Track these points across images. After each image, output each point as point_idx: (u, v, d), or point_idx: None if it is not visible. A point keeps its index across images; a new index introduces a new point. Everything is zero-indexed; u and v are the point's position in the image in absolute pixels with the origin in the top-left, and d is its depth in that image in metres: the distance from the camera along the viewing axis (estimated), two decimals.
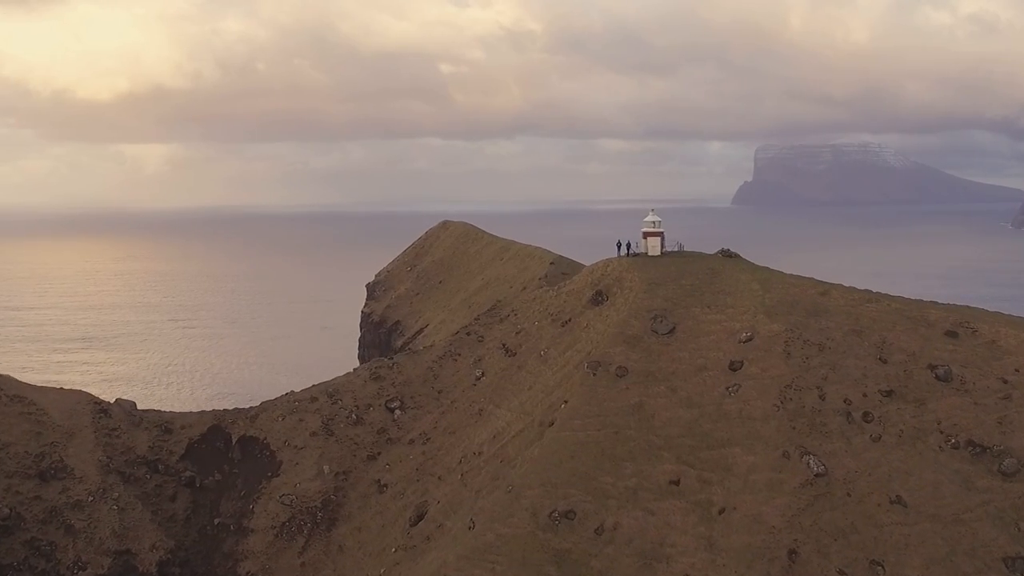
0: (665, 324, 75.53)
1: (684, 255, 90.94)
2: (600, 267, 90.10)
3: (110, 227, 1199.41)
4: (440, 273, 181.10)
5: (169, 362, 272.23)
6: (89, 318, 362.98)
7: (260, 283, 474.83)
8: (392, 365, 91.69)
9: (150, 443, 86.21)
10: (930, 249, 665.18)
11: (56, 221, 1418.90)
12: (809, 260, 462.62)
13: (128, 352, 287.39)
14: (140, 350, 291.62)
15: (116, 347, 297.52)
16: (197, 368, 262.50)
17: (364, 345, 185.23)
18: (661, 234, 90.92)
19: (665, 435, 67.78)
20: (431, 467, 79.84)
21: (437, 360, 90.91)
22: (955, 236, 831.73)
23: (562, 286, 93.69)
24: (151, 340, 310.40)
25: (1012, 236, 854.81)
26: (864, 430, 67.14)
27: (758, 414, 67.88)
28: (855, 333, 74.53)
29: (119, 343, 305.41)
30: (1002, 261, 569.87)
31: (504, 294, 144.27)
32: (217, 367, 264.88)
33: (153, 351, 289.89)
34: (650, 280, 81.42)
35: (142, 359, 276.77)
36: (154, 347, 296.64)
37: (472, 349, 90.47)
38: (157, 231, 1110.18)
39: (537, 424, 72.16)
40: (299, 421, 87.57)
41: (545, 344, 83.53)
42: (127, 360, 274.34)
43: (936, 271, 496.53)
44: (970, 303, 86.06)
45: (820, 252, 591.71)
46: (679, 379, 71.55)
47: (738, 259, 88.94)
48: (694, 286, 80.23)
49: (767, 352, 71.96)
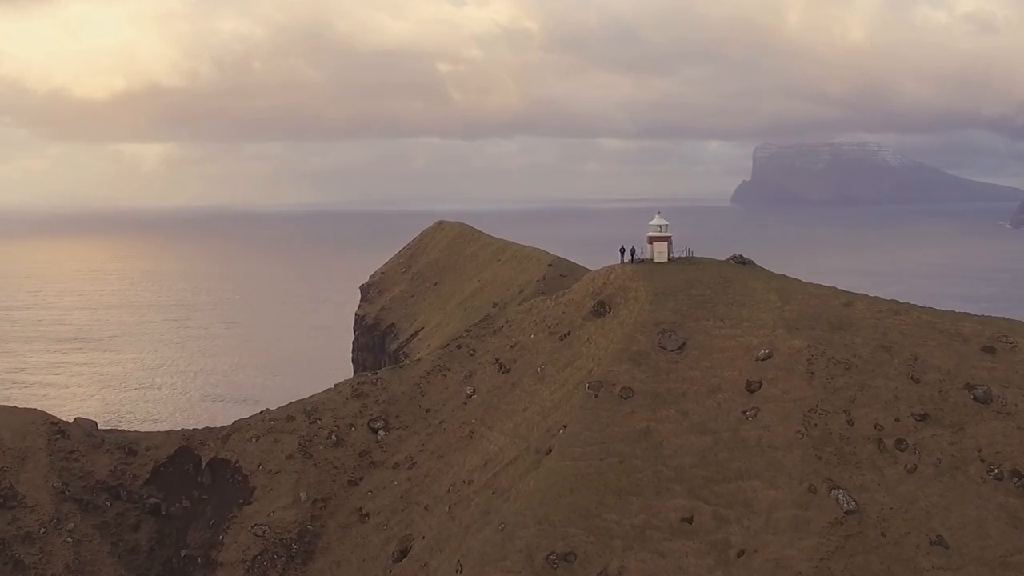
0: (674, 339, 68.46)
1: (693, 262, 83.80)
2: (602, 275, 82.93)
3: (108, 226, 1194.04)
4: (435, 275, 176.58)
5: (163, 362, 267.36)
6: (84, 318, 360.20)
7: (256, 283, 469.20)
8: (376, 380, 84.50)
9: (111, 467, 79.08)
10: (930, 249, 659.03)
11: (54, 220, 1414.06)
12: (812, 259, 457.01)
13: (122, 352, 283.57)
14: (134, 350, 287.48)
15: (110, 347, 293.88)
16: (190, 369, 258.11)
17: (358, 348, 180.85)
18: (668, 239, 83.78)
19: (676, 465, 60.73)
20: (417, 495, 72.76)
21: (425, 375, 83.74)
22: (954, 236, 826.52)
23: (560, 295, 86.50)
24: (145, 340, 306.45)
25: (1011, 236, 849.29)
26: (898, 459, 60.19)
27: (780, 442, 60.83)
28: (884, 349, 67.57)
29: (114, 343, 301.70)
30: (1002, 261, 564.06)
31: (501, 296, 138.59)
32: (211, 367, 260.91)
33: (147, 351, 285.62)
34: (657, 290, 74.32)
35: (136, 359, 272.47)
36: (148, 347, 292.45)
37: (463, 364, 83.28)
38: (154, 230, 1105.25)
39: (533, 451, 65.11)
40: (274, 442, 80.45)
41: (542, 360, 76.47)
42: (121, 361, 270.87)
43: (936, 271, 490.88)
44: (973, 304, 79.61)
45: (821, 251, 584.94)
46: (690, 401, 64.47)
47: (752, 266, 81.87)
48: (705, 297, 73.11)
49: (788, 371, 64.89)
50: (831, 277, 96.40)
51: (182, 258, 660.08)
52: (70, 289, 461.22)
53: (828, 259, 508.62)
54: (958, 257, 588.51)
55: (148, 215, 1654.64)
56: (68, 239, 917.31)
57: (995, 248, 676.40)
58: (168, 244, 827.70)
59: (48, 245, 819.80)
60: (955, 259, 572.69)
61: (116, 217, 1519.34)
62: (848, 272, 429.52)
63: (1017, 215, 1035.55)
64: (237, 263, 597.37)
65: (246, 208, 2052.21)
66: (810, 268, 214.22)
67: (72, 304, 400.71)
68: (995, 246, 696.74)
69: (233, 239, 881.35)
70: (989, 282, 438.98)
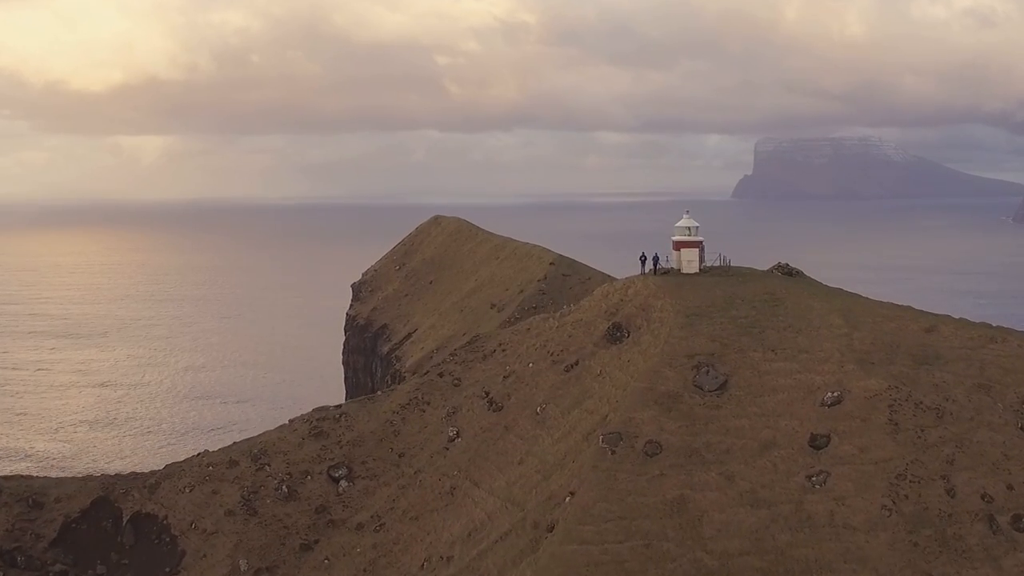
0: (713, 376, 53.13)
1: (731, 272, 68.48)
2: (618, 289, 67.22)
3: (107, 219, 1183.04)
4: (431, 273, 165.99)
5: (151, 358, 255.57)
6: (77, 312, 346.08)
7: (253, 277, 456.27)
8: (339, 416, 69.12)
9: (8, 525, 63.89)
10: (935, 245, 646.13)
11: (54, 213, 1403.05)
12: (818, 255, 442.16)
13: (109, 349, 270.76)
14: (123, 346, 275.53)
15: (102, 343, 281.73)
16: (179, 365, 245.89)
17: (348, 350, 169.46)
18: (700, 244, 68.38)
19: (720, 551, 45.50)
20: (383, 568, 57.52)
21: (399, 411, 68.37)
22: (958, 231, 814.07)
23: (566, 313, 70.87)
24: (134, 335, 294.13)
25: (1014, 231, 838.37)
26: (1017, 544, 45.08)
27: (859, 520, 45.62)
28: (982, 389, 52.40)
29: (106, 338, 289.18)
30: (1008, 256, 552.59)
31: (499, 297, 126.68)
32: (200, 363, 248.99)
33: (136, 346, 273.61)
34: (688, 310, 58.89)
35: (127, 355, 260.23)
36: (137, 342, 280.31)
37: (445, 396, 67.96)
38: (154, 223, 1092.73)
39: (530, 525, 49.87)
40: (212, 493, 65.27)
41: (542, 396, 61.10)
42: (107, 358, 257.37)
43: (944, 267, 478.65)
44: (984, 301, 64.26)
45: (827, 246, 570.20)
46: (737, 461, 49.22)
47: (802, 278, 66.59)
48: (750, 319, 57.64)
49: (864, 421, 49.67)
50: (839, 272, 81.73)
51: (179, 251, 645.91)
52: (67, 282, 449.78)
53: (834, 254, 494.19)
54: (964, 252, 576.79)
55: (148, 208, 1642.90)
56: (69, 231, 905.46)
57: (1000, 243, 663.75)
58: (164, 237, 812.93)
59: (48, 238, 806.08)
60: (961, 255, 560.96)
61: (115, 210, 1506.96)
62: (855, 267, 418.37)
63: (1020, 211, 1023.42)
64: (234, 256, 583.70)
65: (246, 200, 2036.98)
66: (817, 263, 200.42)
67: (66, 298, 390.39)
68: (1000, 241, 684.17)
69: (231, 232, 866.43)
70: (1000, 278, 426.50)
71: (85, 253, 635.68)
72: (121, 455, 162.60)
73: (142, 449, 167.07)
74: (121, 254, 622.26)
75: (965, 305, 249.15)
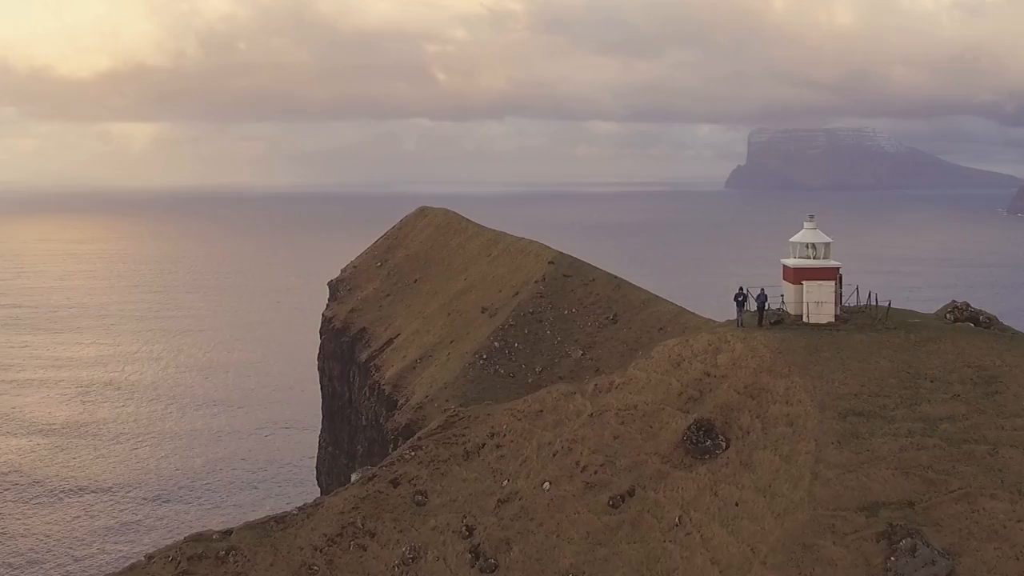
0: (927, 560, 28.88)
1: (882, 318, 44.68)
2: (699, 352, 41.80)
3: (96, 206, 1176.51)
4: (415, 271, 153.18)
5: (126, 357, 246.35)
6: (62, 301, 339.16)
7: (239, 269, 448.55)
8: (225, 554, 45.07)
9: None
10: (931, 236, 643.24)
11: (44, 200, 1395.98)
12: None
13: (86, 346, 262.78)
14: (108, 336, 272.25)
15: (86, 332, 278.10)
16: (158, 363, 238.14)
17: (324, 356, 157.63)
18: (836, 272, 46.78)
19: None
20: None
21: (324, 547, 43.62)
22: (953, 222, 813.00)
23: (602, 383, 44.56)
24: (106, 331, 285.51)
25: (1008, 223, 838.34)
26: None
27: None
28: None
29: (91, 329, 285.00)
30: (1005, 247, 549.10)
31: (492, 299, 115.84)
32: (178, 362, 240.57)
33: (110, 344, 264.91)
34: (840, 404, 35.65)
35: (102, 353, 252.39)
36: (110, 339, 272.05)
37: (400, 524, 43.91)
38: (142, 210, 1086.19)
39: None
40: None
41: (571, 558, 37.00)
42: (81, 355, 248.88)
43: (944, 259, 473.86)
44: (981, 292, 51.06)
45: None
46: None
47: (1007, 332, 44.33)
48: (962, 424, 34.60)
49: None
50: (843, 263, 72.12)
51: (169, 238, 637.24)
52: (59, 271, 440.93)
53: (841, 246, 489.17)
54: (961, 244, 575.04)
55: (138, 195, 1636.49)
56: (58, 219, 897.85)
57: (996, 235, 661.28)
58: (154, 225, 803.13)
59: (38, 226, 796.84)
60: (958, 246, 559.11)
61: (108, 197, 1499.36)
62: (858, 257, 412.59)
63: (1014, 202, 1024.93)
64: (222, 246, 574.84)
65: (236, 189, 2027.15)
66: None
67: (51, 287, 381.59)
68: (996, 234, 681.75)
69: (221, 220, 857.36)
70: (998, 269, 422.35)
71: (51, 240, 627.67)
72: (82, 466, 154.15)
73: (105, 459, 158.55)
74: (97, 244, 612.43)
75: (971, 298, 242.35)
